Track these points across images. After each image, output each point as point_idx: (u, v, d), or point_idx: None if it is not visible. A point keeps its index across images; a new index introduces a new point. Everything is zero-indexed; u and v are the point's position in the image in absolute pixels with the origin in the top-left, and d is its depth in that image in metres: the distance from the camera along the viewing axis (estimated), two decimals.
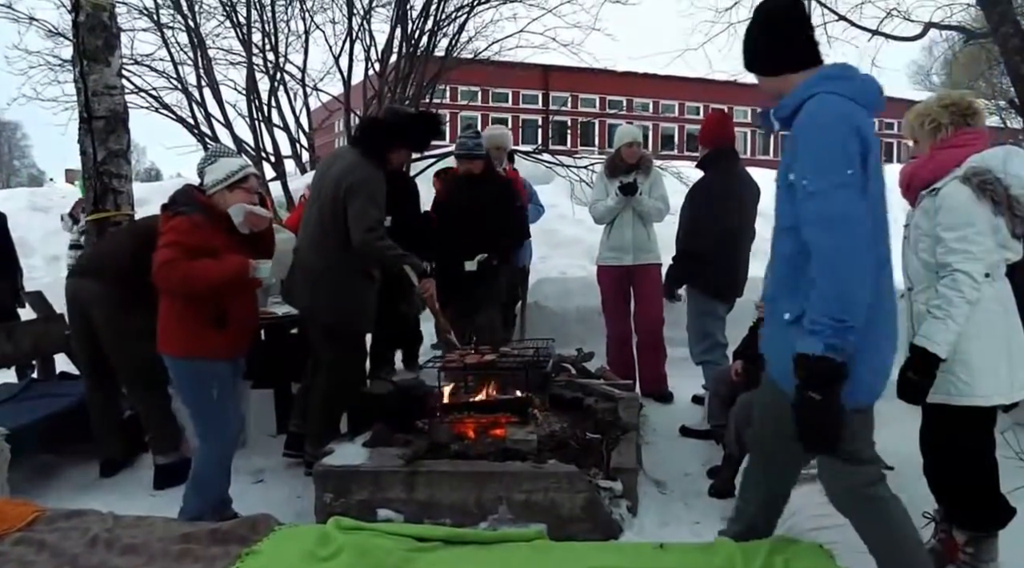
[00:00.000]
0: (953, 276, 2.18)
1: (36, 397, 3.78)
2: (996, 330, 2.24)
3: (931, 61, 18.26)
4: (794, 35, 1.88)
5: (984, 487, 2.35)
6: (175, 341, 2.72)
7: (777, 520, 2.24)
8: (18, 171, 37.52)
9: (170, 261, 2.61)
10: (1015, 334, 2.28)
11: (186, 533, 2.10)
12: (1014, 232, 2.24)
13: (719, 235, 3.89)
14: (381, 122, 3.51)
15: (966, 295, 2.16)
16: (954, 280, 2.17)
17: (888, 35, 6.85)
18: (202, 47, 7.74)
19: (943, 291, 2.20)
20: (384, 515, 2.77)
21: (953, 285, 2.17)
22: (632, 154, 4.46)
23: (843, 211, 1.68)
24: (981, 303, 2.22)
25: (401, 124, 3.44)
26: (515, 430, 3.12)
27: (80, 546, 2.00)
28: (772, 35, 1.91)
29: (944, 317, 2.18)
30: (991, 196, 2.18)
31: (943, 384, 2.27)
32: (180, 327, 2.71)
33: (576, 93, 21.28)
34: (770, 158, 27.62)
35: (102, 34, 4.07)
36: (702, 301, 4.02)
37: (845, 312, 1.65)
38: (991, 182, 2.18)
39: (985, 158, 2.25)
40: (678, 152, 23.34)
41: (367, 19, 7.91)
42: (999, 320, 2.24)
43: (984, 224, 2.18)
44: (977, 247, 2.17)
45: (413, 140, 3.52)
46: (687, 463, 3.59)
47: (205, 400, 2.75)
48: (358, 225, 3.17)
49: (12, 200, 10.38)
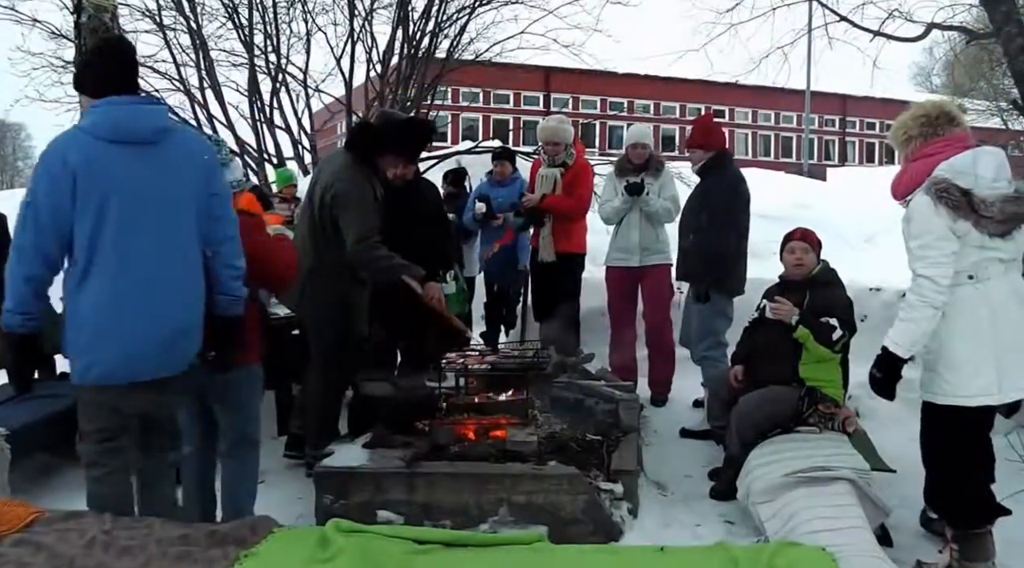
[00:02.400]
0: (917, 281, 2.29)
1: (36, 398, 3.76)
2: (981, 331, 2.29)
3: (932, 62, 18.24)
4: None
5: (969, 485, 2.40)
6: (258, 347, 2.68)
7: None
8: (22, 172, 37.61)
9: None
10: (1007, 335, 2.30)
11: (184, 535, 2.09)
12: (992, 231, 2.27)
13: (740, 235, 3.97)
14: (371, 127, 3.46)
15: (928, 299, 2.26)
16: (918, 285, 2.28)
17: (890, 36, 6.83)
18: (204, 49, 7.76)
19: (908, 295, 2.33)
20: (384, 517, 2.76)
21: (916, 290, 2.29)
22: (639, 155, 4.46)
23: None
24: (962, 305, 2.30)
25: (392, 130, 3.38)
26: (515, 432, 3.11)
27: (78, 548, 1.99)
28: None
29: (907, 319, 2.32)
30: (946, 202, 2.24)
31: (930, 383, 2.38)
32: (257, 332, 2.67)
33: (577, 94, 21.28)
34: (770, 160, 27.65)
35: (104, 36, 4.07)
36: (721, 301, 4.05)
37: None
38: (946, 189, 2.24)
39: (953, 163, 2.30)
40: (679, 153, 23.33)
41: (368, 21, 7.92)
42: (985, 322, 2.29)
43: (942, 230, 2.25)
44: (936, 252, 2.26)
45: (403, 147, 3.43)
46: (688, 465, 3.58)
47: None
48: (348, 236, 3.16)
49: (15, 200, 10.39)
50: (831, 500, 2.61)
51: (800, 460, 2.80)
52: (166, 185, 2.20)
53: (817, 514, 2.55)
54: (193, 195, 2.26)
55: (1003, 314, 2.30)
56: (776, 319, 3.18)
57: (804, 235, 3.34)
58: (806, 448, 2.92)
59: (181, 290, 2.24)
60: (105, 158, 2.11)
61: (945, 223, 2.25)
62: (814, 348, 3.09)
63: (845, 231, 9.34)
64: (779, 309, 3.16)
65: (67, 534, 2.07)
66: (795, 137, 29.64)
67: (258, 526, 2.15)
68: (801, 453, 2.87)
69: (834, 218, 8.50)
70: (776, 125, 30.69)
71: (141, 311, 2.15)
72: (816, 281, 3.25)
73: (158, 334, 2.19)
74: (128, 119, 2.16)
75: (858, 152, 31.95)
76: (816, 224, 3.64)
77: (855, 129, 31.90)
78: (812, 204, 9.88)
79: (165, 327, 2.20)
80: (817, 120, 28.28)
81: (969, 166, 2.29)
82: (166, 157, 2.21)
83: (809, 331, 3.08)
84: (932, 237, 2.26)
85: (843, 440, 3.03)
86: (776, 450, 2.94)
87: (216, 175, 2.37)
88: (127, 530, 2.10)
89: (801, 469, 2.74)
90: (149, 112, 2.24)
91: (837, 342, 3.09)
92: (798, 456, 2.84)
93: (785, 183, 13.30)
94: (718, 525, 2.95)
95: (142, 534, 2.07)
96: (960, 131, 2.42)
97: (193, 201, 2.26)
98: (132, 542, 2.02)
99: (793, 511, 2.61)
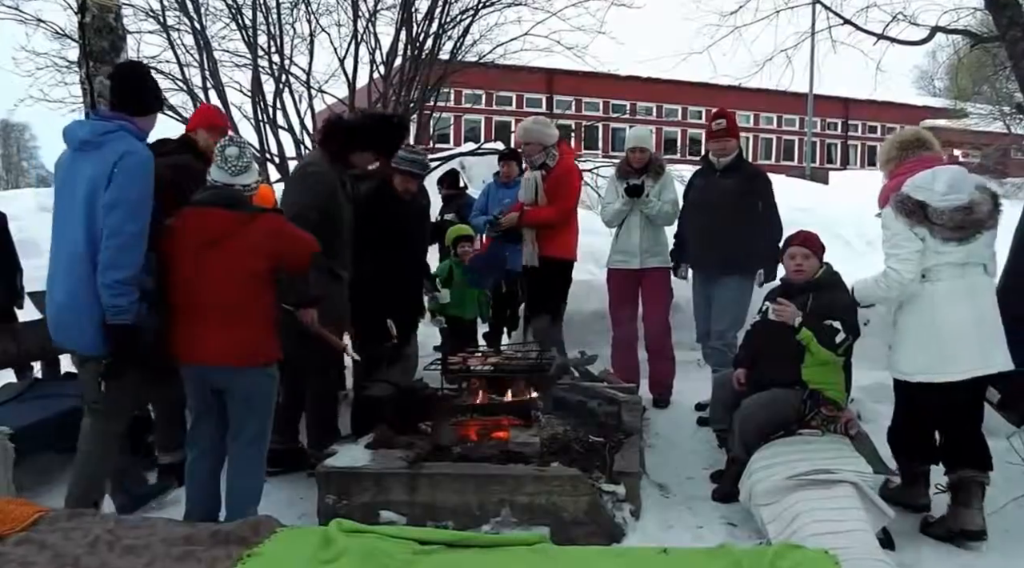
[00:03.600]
0: (886, 272, 2.86)
1: (41, 397, 3.78)
2: (924, 324, 2.82)
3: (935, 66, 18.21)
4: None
5: (911, 433, 3.00)
6: (274, 347, 2.71)
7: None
8: (26, 172, 37.71)
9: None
10: (950, 328, 2.76)
11: (187, 535, 2.10)
12: (945, 237, 2.75)
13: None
14: (343, 123, 3.40)
15: (891, 286, 2.84)
16: (885, 275, 2.86)
17: (894, 39, 6.81)
18: (208, 49, 7.76)
19: (879, 278, 2.89)
20: (386, 517, 2.76)
21: (883, 279, 2.86)
22: (638, 158, 4.46)
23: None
24: (913, 300, 2.84)
25: (364, 126, 3.33)
26: (518, 433, 3.11)
27: (82, 547, 1.99)
28: None
29: (870, 286, 2.95)
30: (903, 210, 2.78)
31: (891, 361, 2.96)
32: (272, 332, 2.70)
33: (580, 97, 21.28)
34: (772, 163, 27.63)
35: (108, 36, 4.09)
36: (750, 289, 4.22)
37: None
38: (903, 201, 2.79)
39: (914, 180, 2.82)
40: (680, 156, 23.32)
41: (372, 22, 7.91)
42: (927, 315, 2.81)
43: (905, 232, 2.79)
44: (903, 250, 2.79)
45: (376, 143, 3.39)
46: (690, 467, 3.57)
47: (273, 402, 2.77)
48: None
49: (20, 200, 10.42)
50: (834, 503, 2.61)
51: (803, 463, 2.80)
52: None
53: (819, 517, 2.55)
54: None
55: (948, 310, 2.77)
56: (779, 321, 3.18)
57: (805, 240, 3.34)
58: (808, 451, 2.92)
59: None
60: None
61: (904, 227, 2.78)
62: (817, 351, 3.08)
63: (847, 234, 9.33)
64: (782, 311, 3.16)
65: (71, 533, 2.07)
66: (797, 140, 29.61)
67: (261, 526, 2.15)
68: (804, 456, 2.87)
69: (836, 221, 8.51)
70: (778, 128, 30.65)
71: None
72: (819, 284, 3.25)
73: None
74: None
75: (860, 155, 31.91)
76: (818, 227, 3.64)
77: (857, 132, 31.85)
78: (814, 207, 9.87)
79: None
80: (819, 123, 28.25)
81: (927, 182, 2.78)
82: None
83: (812, 333, 3.08)
84: (898, 237, 2.81)
85: (845, 443, 3.03)
86: (779, 453, 2.94)
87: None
88: (130, 529, 2.11)
89: (804, 472, 2.74)
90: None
91: (840, 345, 3.08)
92: (801, 459, 2.84)
93: (787, 186, 13.26)
94: (720, 527, 2.95)
95: (145, 533, 2.08)
96: (930, 154, 2.94)
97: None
98: (136, 541, 2.03)
99: (795, 513, 2.61)
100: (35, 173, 36.03)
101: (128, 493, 3.07)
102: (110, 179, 2.52)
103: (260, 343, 2.66)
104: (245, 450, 2.68)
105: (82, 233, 2.56)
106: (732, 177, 4.16)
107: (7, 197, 11.00)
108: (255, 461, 2.72)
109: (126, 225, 2.52)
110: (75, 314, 2.59)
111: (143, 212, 2.57)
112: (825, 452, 2.90)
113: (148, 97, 2.77)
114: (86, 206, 2.55)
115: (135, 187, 2.55)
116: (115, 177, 2.52)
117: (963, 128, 19.49)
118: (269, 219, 2.71)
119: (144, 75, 2.86)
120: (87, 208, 2.55)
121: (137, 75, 2.83)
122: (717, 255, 4.14)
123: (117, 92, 2.72)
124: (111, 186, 2.52)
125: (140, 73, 2.87)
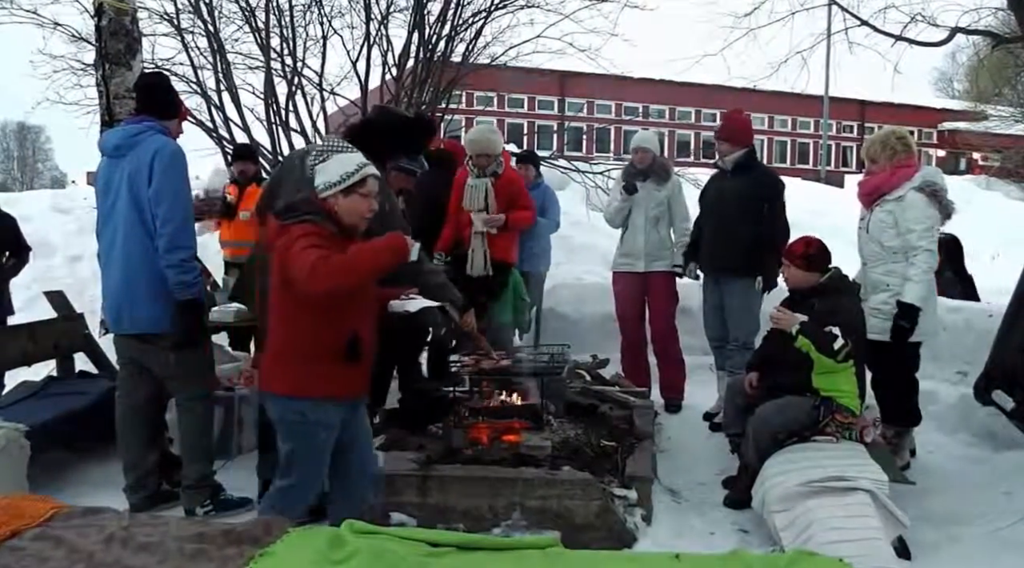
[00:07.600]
0: (924, 260, 3.26)
1: (55, 395, 3.82)
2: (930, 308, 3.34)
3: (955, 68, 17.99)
4: None
5: (910, 395, 3.50)
6: (288, 378, 2.32)
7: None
8: (41, 173, 38.26)
9: (324, 256, 2.15)
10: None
11: (200, 533, 2.10)
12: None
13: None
14: (376, 126, 3.29)
15: (928, 272, 3.30)
16: (926, 263, 3.26)
17: (912, 40, 6.70)
18: (221, 52, 7.82)
19: (920, 264, 3.27)
20: (397, 519, 2.76)
21: (925, 267, 3.27)
22: (641, 159, 4.47)
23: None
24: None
25: (395, 126, 3.23)
26: (530, 436, 3.11)
27: (97, 543, 2.01)
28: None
29: (920, 281, 3.27)
30: (937, 200, 3.30)
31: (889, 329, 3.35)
32: (297, 360, 2.30)
33: (592, 99, 21.24)
34: (786, 166, 27.43)
35: (124, 38, 4.13)
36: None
37: None
38: (938, 192, 3.28)
39: (926, 175, 3.33)
40: (694, 158, 23.20)
41: (384, 24, 7.94)
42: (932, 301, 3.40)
43: (937, 221, 3.31)
44: (934, 237, 3.29)
45: (408, 144, 3.31)
46: (702, 472, 3.55)
47: (312, 448, 2.36)
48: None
49: (35, 201, 10.55)
50: (848, 510, 2.58)
51: (817, 469, 2.77)
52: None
53: (834, 524, 2.53)
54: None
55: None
56: (779, 329, 3.14)
57: (791, 251, 3.29)
58: (822, 457, 2.89)
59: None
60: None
61: (938, 216, 3.30)
62: (817, 358, 3.04)
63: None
64: (780, 319, 3.11)
65: (86, 529, 2.09)
66: (812, 143, 29.37)
67: (273, 526, 2.16)
68: (818, 462, 2.84)
69: (850, 225, 8.40)
70: (793, 130, 30.43)
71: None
72: (825, 289, 3.20)
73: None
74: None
75: None
76: (831, 231, 3.65)
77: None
78: (828, 211, 9.79)
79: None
80: (835, 126, 28.02)
81: (936, 176, 3.35)
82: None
83: (810, 341, 3.03)
84: (935, 227, 3.28)
85: (861, 450, 2.99)
86: (792, 459, 2.91)
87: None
88: (144, 527, 2.12)
89: (818, 478, 2.71)
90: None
91: (839, 351, 3.00)
92: (815, 465, 2.81)
93: (801, 189, 13.19)
94: (732, 533, 2.93)
95: (159, 531, 2.09)
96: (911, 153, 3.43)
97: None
98: (149, 539, 2.04)
99: (809, 521, 2.58)
100: (49, 175, 36.56)
101: (216, 498, 3.08)
102: (150, 173, 2.82)
103: (279, 367, 2.37)
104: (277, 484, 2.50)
105: (132, 225, 2.84)
106: (740, 179, 4.14)
107: (28, 199, 11.12)
108: (280, 491, 2.48)
109: (175, 211, 2.82)
110: (135, 298, 2.87)
111: (186, 198, 2.92)
112: (840, 459, 2.86)
113: (171, 103, 3.08)
114: (131, 199, 2.84)
115: (175, 177, 2.86)
116: (154, 171, 2.82)
117: (983, 130, 19.25)
118: (308, 226, 2.30)
119: (166, 84, 3.21)
120: (132, 200, 2.84)
121: (161, 84, 3.18)
122: (721, 257, 4.13)
123: (142, 99, 3.05)
124: (153, 180, 2.82)
125: (162, 82, 3.22)
